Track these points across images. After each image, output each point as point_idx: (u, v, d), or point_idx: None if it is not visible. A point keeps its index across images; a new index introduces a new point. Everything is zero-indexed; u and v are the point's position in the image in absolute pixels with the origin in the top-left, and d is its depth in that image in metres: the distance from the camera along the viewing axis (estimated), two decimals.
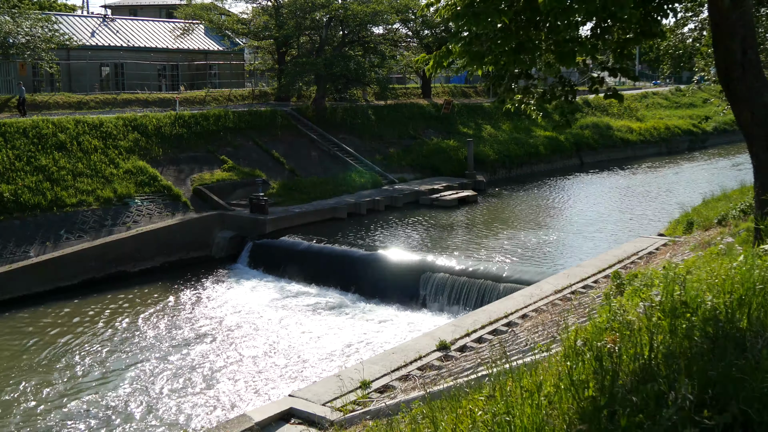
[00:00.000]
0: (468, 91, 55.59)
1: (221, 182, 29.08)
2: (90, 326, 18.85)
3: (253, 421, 8.69)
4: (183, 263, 24.63)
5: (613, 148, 50.97)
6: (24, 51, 32.39)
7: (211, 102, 38.86)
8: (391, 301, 19.94)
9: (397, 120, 42.12)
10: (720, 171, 43.13)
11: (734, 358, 3.93)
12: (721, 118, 56.71)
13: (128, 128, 29.30)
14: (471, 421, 4.67)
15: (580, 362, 4.48)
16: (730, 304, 4.72)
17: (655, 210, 30.54)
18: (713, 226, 15.19)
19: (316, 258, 22.87)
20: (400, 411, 6.58)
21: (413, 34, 47.94)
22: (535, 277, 17.43)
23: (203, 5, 43.86)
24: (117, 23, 44.54)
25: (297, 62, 38.85)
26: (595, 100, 56.62)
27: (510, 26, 7.57)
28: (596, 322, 5.20)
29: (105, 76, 41.65)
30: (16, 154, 24.93)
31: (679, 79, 76.62)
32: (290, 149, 34.65)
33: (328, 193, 30.68)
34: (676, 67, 25.17)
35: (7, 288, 20.52)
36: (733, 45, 8.24)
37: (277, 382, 15.01)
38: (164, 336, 17.97)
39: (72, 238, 22.98)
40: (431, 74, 8.34)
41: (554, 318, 11.28)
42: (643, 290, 5.86)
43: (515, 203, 33.48)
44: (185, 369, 15.82)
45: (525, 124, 46.62)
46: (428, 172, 37.69)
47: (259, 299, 20.76)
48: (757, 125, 8.46)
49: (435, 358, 10.49)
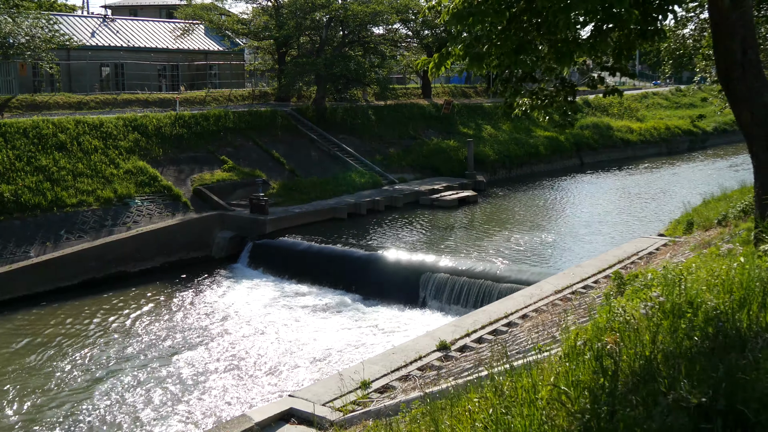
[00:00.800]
0: (468, 91, 55.59)
1: (221, 182, 29.09)
2: (90, 326, 18.85)
3: (253, 421, 8.70)
4: (183, 263, 24.63)
5: (613, 149, 50.99)
6: (24, 51, 32.38)
7: (211, 102, 38.86)
8: (391, 301, 19.94)
9: (397, 120, 42.12)
10: (720, 171, 43.13)
11: (734, 358, 3.93)
12: (721, 117, 56.81)
13: (128, 128, 29.31)
14: (471, 421, 4.67)
15: (580, 362, 4.48)
16: (730, 304, 4.72)
17: (655, 210, 30.54)
18: (713, 226, 15.18)
19: (316, 258, 22.87)
20: (400, 411, 6.58)
21: (413, 34, 47.92)
22: (535, 277, 17.43)
23: (203, 5, 43.86)
24: (117, 23, 44.55)
25: (297, 62, 38.85)
26: (595, 100, 56.66)
27: (510, 27, 7.58)
28: (596, 323, 5.20)
29: (105, 77, 41.64)
30: (16, 154, 24.93)
31: (679, 80, 76.64)
32: (290, 149, 34.65)
33: (328, 194, 30.67)
34: (677, 67, 25.19)
35: (7, 288, 20.52)
36: (733, 45, 8.24)
37: (277, 382, 15.01)
38: (164, 336, 17.97)
39: (72, 238, 22.98)
40: (432, 75, 8.35)
41: (554, 318, 11.29)
42: (644, 290, 5.86)
43: (515, 203, 33.48)
44: (185, 369, 15.82)
45: (525, 124, 46.63)
46: (428, 173, 37.69)
47: (259, 299, 20.76)
48: (757, 125, 8.46)
49: (435, 359, 10.49)
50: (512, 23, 7.61)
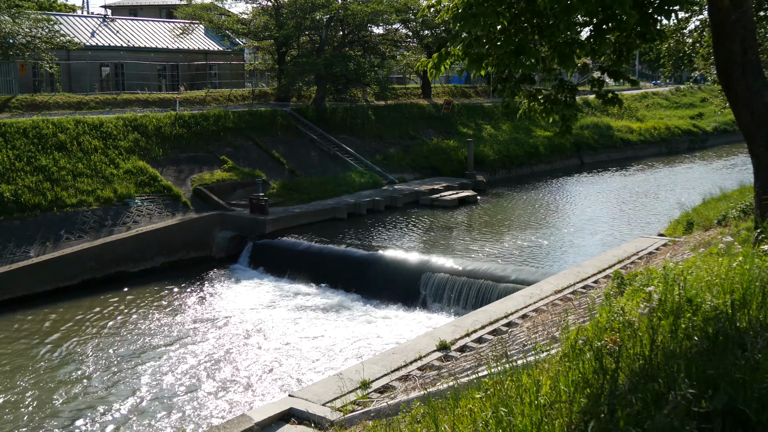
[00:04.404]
0: (468, 91, 55.59)
1: (221, 182, 29.09)
2: (90, 327, 18.85)
3: (253, 421, 8.70)
4: (183, 263, 24.63)
5: (613, 149, 50.99)
6: (24, 51, 32.39)
7: (211, 102, 38.86)
8: (391, 301, 19.94)
9: (397, 120, 42.11)
10: (720, 171, 43.14)
11: (734, 358, 3.94)
12: (721, 117, 56.79)
13: (128, 128, 29.31)
14: (471, 421, 4.67)
15: (580, 362, 4.49)
16: (730, 304, 4.73)
17: (655, 210, 30.55)
18: (713, 226, 15.19)
19: (316, 258, 22.87)
20: (400, 411, 6.59)
21: (413, 34, 47.93)
22: (535, 277, 17.43)
23: (203, 5, 43.87)
24: (117, 23, 44.54)
25: (297, 62, 38.85)
26: (595, 101, 56.61)
27: (509, 28, 7.57)
28: (596, 322, 5.21)
29: (105, 77, 41.64)
30: (16, 154, 24.94)
31: (679, 80, 76.63)
32: (290, 149, 34.66)
33: (328, 194, 30.67)
34: (677, 68, 25.20)
35: (7, 288, 20.52)
36: (733, 45, 8.25)
37: (277, 382, 15.02)
38: (164, 336, 17.98)
39: (72, 238, 22.98)
40: (432, 75, 8.35)
41: (554, 318, 11.29)
42: (644, 290, 5.87)
43: (515, 203, 33.48)
44: (185, 369, 15.83)
45: (525, 124, 46.62)
46: (428, 172, 37.68)
47: (259, 299, 20.77)
48: (757, 125, 8.47)
49: (435, 358, 10.50)
50: (512, 24, 7.61)
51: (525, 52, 7.35)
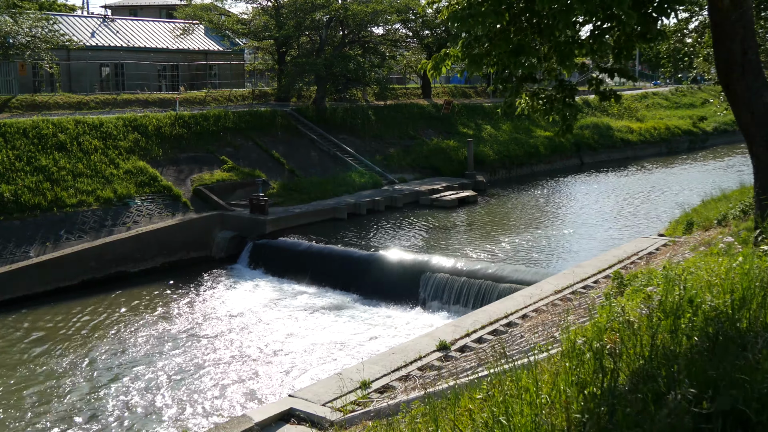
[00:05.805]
0: (468, 91, 55.59)
1: (221, 182, 29.09)
2: (90, 327, 18.85)
3: (253, 421, 8.70)
4: (183, 263, 24.63)
5: (613, 149, 50.99)
6: (24, 51, 32.39)
7: (211, 102, 38.86)
8: (391, 301, 19.93)
9: (397, 120, 42.11)
10: (720, 171, 43.13)
11: (734, 358, 3.93)
12: (721, 118, 56.75)
13: (128, 128, 29.30)
14: (471, 421, 4.67)
15: (580, 362, 4.48)
16: (731, 304, 4.73)
17: (655, 210, 30.54)
18: (713, 226, 15.18)
19: (316, 258, 22.86)
20: (400, 411, 6.59)
21: (413, 34, 47.93)
22: (535, 277, 17.42)
23: (203, 5, 43.87)
24: (117, 23, 44.55)
25: (297, 62, 38.84)
26: (595, 101, 56.63)
27: (509, 28, 7.57)
28: (596, 323, 5.21)
29: (105, 77, 41.64)
30: (16, 154, 24.94)
31: (679, 80, 76.60)
32: (290, 149, 34.65)
33: (328, 194, 30.67)
34: (677, 69, 25.19)
35: (7, 288, 20.51)
36: (733, 45, 8.25)
37: (277, 382, 15.01)
38: (164, 336, 17.97)
39: (72, 238, 22.98)
40: (432, 76, 8.35)
41: (554, 318, 11.29)
42: (644, 290, 5.87)
43: (515, 203, 33.48)
44: (185, 369, 15.83)
45: (525, 124, 46.63)
46: (428, 173, 37.68)
47: (259, 299, 20.77)
48: (757, 125, 8.47)
49: (435, 359, 10.49)
50: (512, 24, 7.61)
51: (524, 52, 7.35)
